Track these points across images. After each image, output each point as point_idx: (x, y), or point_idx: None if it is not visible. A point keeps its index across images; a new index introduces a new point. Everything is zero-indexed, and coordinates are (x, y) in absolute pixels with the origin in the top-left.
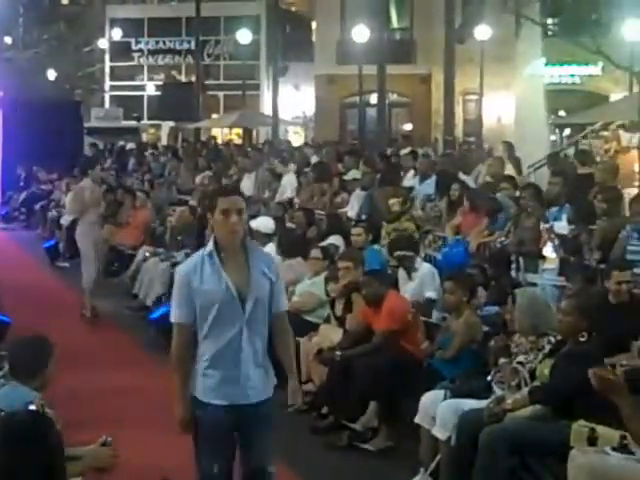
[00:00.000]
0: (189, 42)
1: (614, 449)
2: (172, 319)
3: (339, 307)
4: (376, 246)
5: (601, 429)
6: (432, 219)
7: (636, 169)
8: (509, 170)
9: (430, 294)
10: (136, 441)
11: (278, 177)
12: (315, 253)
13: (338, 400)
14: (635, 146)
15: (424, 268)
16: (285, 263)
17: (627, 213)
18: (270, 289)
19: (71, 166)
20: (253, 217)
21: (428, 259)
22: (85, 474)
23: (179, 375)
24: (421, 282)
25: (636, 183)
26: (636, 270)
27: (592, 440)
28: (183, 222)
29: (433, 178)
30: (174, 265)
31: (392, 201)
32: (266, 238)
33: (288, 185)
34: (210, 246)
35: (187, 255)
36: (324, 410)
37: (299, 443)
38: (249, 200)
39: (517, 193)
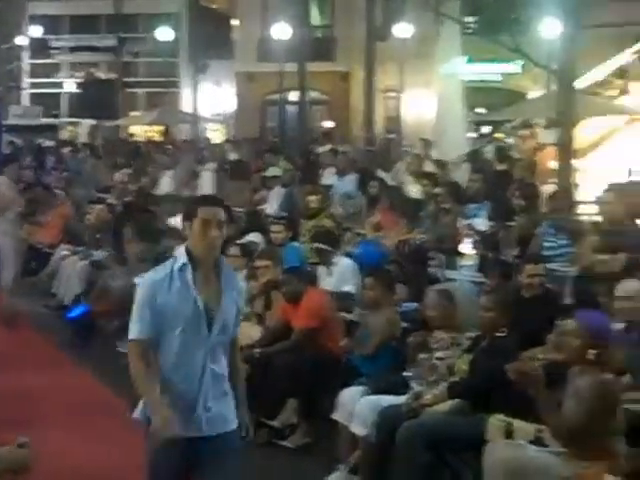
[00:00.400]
0: (109, 39)
1: (530, 442)
2: (130, 335)
3: (258, 304)
4: (295, 243)
5: (517, 423)
6: (351, 216)
7: (553, 166)
8: (428, 167)
9: (348, 288)
10: (53, 442)
11: (197, 175)
12: (234, 251)
13: (257, 397)
14: (552, 143)
15: (343, 262)
16: None
17: (544, 209)
18: (236, 315)
19: None
20: (172, 214)
21: (348, 256)
22: (1, 476)
23: (148, 391)
24: (340, 276)
25: (553, 180)
26: (551, 265)
27: (508, 434)
28: (101, 220)
29: (352, 175)
30: (93, 264)
31: (310, 198)
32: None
33: (206, 183)
34: (183, 258)
35: (108, 253)
36: None
37: None
38: (168, 197)
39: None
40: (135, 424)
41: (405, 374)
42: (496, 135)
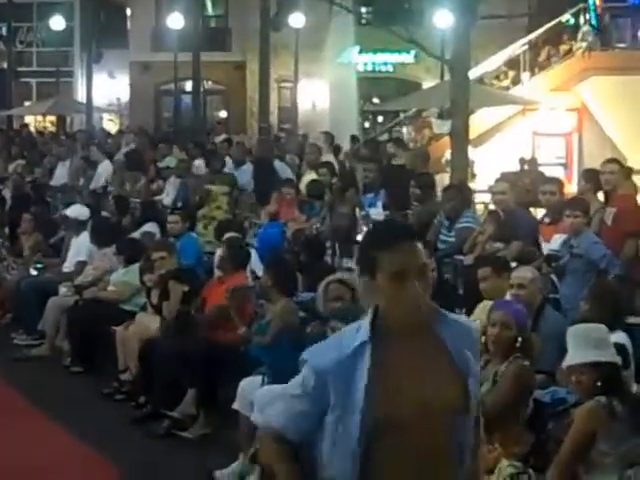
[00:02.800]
0: (0, 28)
1: None
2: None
3: (155, 295)
4: (192, 234)
5: None
6: (248, 206)
7: (447, 156)
8: (328, 159)
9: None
10: None
11: (93, 165)
12: None
13: (155, 389)
14: (447, 133)
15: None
16: (100, 252)
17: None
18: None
19: None
20: (67, 205)
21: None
22: None
23: None
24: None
25: (447, 169)
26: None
27: None
28: None
29: (248, 165)
30: None
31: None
32: (80, 226)
33: (104, 173)
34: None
35: (3, 244)
36: (142, 399)
37: (118, 433)
38: (64, 188)
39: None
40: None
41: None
42: (391, 125)
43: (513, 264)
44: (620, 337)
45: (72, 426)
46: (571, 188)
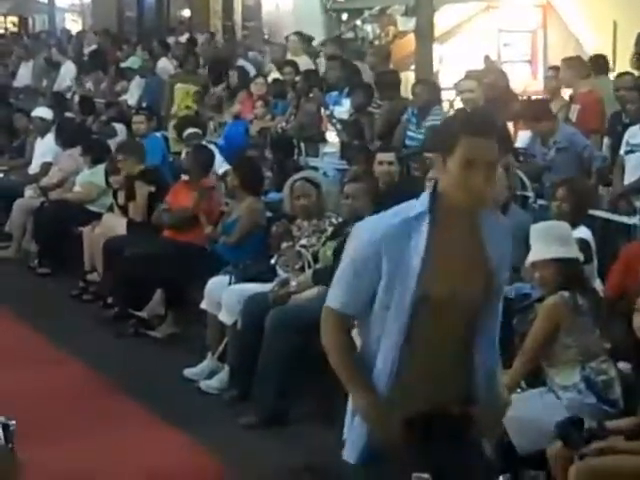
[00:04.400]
0: None
1: None
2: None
3: (121, 196)
4: (157, 134)
5: None
6: (212, 107)
7: (412, 52)
8: (305, 62)
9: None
10: None
11: (56, 66)
12: None
13: (122, 290)
14: (412, 31)
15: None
16: (65, 153)
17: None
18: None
19: None
20: (31, 108)
21: (213, 145)
22: None
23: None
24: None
25: (412, 67)
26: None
27: None
28: None
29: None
30: None
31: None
32: (46, 126)
33: (67, 74)
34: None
35: None
36: (109, 300)
37: (86, 333)
38: (26, 89)
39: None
40: None
41: (271, 262)
42: (356, 23)
43: None
44: (583, 232)
45: (40, 326)
46: (536, 86)
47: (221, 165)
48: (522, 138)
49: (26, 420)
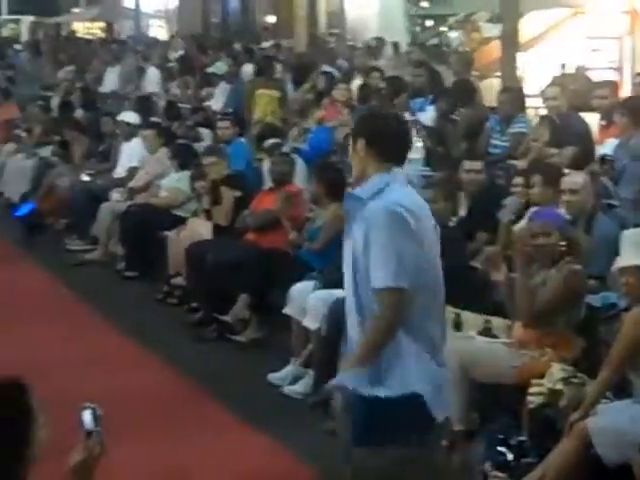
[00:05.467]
0: None
1: (478, 333)
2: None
3: (207, 200)
4: (242, 139)
5: (466, 314)
6: (296, 112)
7: (497, 60)
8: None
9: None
10: (4, 338)
11: (140, 72)
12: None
13: (207, 294)
14: (497, 37)
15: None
16: (153, 156)
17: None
18: None
19: None
20: (117, 112)
21: (295, 152)
22: None
23: None
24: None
25: (497, 73)
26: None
27: (457, 325)
28: (40, 120)
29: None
30: (39, 162)
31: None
32: (132, 130)
33: (151, 80)
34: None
35: (54, 151)
36: (194, 304)
37: (171, 337)
38: (113, 94)
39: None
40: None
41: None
42: (441, 29)
43: (566, 170)
44: None
45: (126, 328)
46: (624, 93)
47: (302, 171)
48: (608, 145)
49: (110, 421)
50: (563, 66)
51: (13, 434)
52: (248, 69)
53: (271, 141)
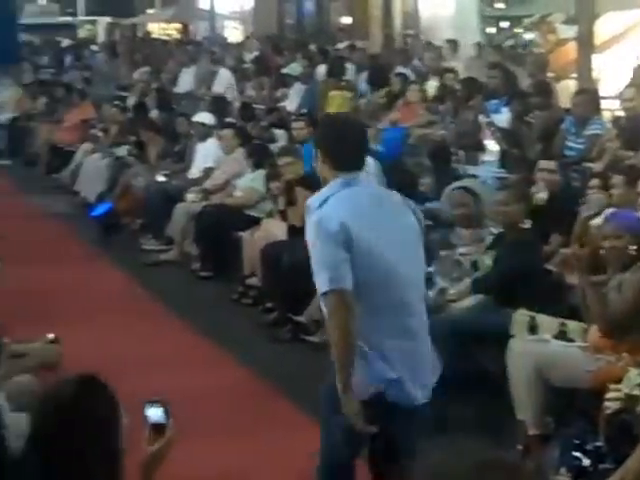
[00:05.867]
0: None
1: (554, 337)
2: None
3: (281, 201)
4: None
5: (541, 317)
6: (369, 113)
7: (573, 61)
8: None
9: None
10: (81, 337)
11: (213, 73)
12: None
13: (281, 294)
14: (572, 38)
15: (369, 161)
16: (229, 156)
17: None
18: None
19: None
20: (192, 112)
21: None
22: (33, 371)
23: None
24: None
25: (573, 75)
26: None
27: (532, 328)
28: (117, 120)
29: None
30: (115, 162)
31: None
32: (207, 131)
33: (223, 80)
34: None
35: (129, 151)
36: (269, 304)
37: (245, 337)
38: (188, 95)
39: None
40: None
41: (429, 270)
42: (516, 31)
43: None
44: None
45: (201, 328)
46: None
47: (375, 172)
48: None
49: (184, 419)
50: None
51: (111, 432)
52: (322, 70)
53: None
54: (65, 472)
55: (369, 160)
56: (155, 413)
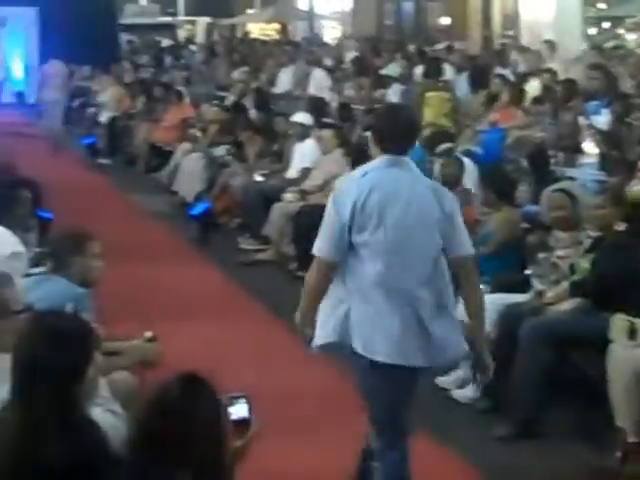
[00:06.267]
0: None
1: None
2: None
3: None
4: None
5: None
6: (471, 116)
7: None
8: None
9: (469, 187)
10: (179, 335)
11: (310, 74)
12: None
13: None
14: None
15: (467, 163)
16: (328, 157)
17: None
18: None
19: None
20: (291, 112)
21: (467, 154)
22: (131, 368)
23: None
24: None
25: None
26: None
27: (632, 333)
28: (216, 120)
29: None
30: (213, 161)
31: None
32: (305, 131)
33: (316, 82)
34: None
35: (228, 151)
36: None
37: None
38: (286, 95)
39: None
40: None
41: (526, 273)
42: (618, 31)
43: None
44: None
45: (296, 326)
46: None
47: (473, 173)
48: None
49: (280, 418)
50: None
51: (215, 432)
52: (419, 71)
53: (443, 146)
54: (170, 476)
55: (467, 162)
56: (239, 409)
